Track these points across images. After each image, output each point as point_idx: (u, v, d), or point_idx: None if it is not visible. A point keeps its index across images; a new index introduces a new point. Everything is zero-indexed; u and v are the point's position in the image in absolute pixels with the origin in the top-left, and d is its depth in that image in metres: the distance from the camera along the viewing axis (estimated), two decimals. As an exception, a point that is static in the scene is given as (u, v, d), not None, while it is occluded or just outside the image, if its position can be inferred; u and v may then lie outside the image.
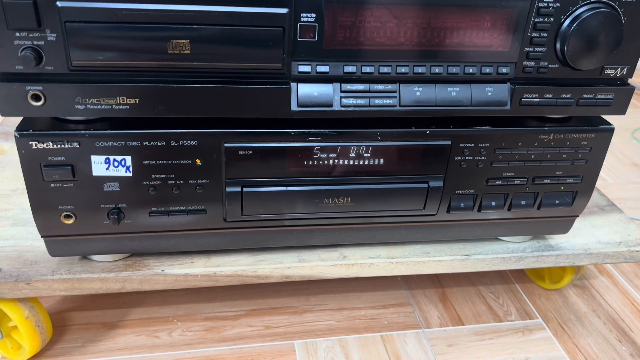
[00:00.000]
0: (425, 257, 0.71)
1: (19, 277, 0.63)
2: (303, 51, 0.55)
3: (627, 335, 0.81)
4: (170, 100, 0.54)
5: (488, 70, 0.59)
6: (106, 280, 0.65)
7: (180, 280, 0.67)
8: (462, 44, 0.57)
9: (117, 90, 0.53)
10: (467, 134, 0.63)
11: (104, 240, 0.63)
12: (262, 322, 0.79)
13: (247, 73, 0.55)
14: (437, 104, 0.59)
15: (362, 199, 0.65)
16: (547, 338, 0.80)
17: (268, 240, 0.68)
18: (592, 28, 0.56)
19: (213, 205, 0.62)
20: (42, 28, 0.49)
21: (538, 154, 0.66)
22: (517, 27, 0.57)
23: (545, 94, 0.61)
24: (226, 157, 0.59)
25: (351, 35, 0.55)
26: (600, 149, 0.67)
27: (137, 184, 0.59)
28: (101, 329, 0.76)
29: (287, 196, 0.63)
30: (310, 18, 0.53)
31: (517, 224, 0.72)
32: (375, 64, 0.57)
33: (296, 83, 0.56)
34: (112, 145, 0.57)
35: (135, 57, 0.52)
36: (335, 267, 0.70)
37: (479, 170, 0.65)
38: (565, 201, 0.69)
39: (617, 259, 0.76)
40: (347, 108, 0.58)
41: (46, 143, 0.55)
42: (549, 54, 0.59)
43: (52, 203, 0.59)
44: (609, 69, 0.61)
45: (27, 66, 0.50)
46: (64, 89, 0.52)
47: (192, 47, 0.52)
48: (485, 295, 0.88)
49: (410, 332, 0.79)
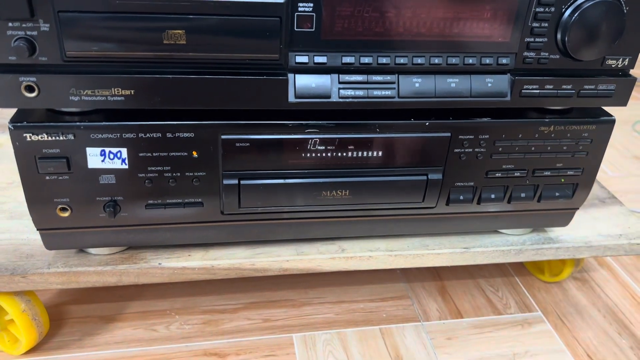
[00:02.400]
0: (424, 249, 0.71)
1: (15, 270, 0.62)
2: (300, 41, 0.54)
3: (627, 328, 0.81)
4: (166, 91, 0.54)
5: (488, 61, 0.58)
6: (103, 274, 0.64)
7: (178, 273, 0.66)
8: (461, 34, 0.56)
9: (112, 81, 0.52)
10: (466, 126, 0.62)
11: (101, 233, 0.63)
12: (260, 315, 0.79)
13: (243, 64, 0.54)
14: (436, 95, 0.59)
15: (361, 192, 0.64)
16: (546, 331, 0.80)
17: (266, 233, 0.68)
18: (593, 18, 0.56)
19: (210, 198, 0.62)
20: (35, 18, 0.49)
21: (538, 146, 0.65)
22: (518, 17, 0.56)
23: (546, 85, 0.60)
24: (223, 149, 0.59)
25: (349, 26, 0.54)
26: (601, 141, 0.66)
27: (133, 177, 0.59)
28: (98, 322, 0.76)
29: (285, 189, 0.62)
30: (307, 8, 0.52)
31: (517, 217, 0.72)
32: (373, 54, 0.56)
33: (293, 74, 0.56)
34: (108, 137, 0.56)
35: (130, 47, 0.51)
36: (334, 260, 0.69)
37: (479, 162, 0.65)
38: (566, 194, 0.69)
39: (617, 252, 0.76)
40: (346, 99, 0.57)
41: (41, 135, 0.55)
42: (550, 44, 0.58)
43: (47, 196, 0.58)
44: (611, 60, 0.60)
45: (20, 57, 0.49)
46: (58, 80, 0.51)
47: (188, 38, 0.51)
48: (484, 288, 0.87)
49: (409, 325, 0.79)
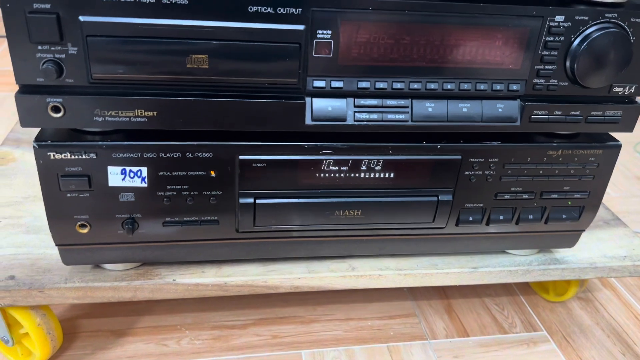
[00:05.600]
0: (433, 269, 0.72)
1: (32, 284, 0.63)
2: (318, 67, 0.56)
3: (630, 348, 0.82)
4: (188, 113, 0.55)
5: (499, 87, 0.60)
6: (118, 289, 0.65)
7: (191, 290, 0.67)
8: (474, 61, 0.58)
9: (135, 103, 0.54)
10: (477, 149, 0.64)
11: (118, 250, 0.64)
12: (269, 331, 0.80)
13: (263, 87, 0.56)
14: (448, 119, 0.60)
15: (373, 212, 0.66)
16: (551, 350, 0.81)
17: (278, 251, 0.69)
18: (601, 47, 0.57)
19: (226, 216, 0.63)
20: (64, 42, 0.50)
21: (546, 170, 0.66)
22: (529, 46, 0.58)
23: (555, 110, 0.62)
24: (240, 169, 0.60)
25: (365, 52, 0.56)
26: (607, 165, 0.68)
27: (152, 195, 0.60)
28: (110, 337, 0.77)
29: (299, 208, 0.64)
30: (326, 35, 0.54)
31: (525, 238, 0.73)
32: (388, 79, 0.58)
33: (311, 98, 0.57)
34: (129, 156, 0.57)
35: (155, 71, 0.52)
36: (345, 278, 0.70)
37: (488, 184, 0.66)
38: (572, 216, 0.70)
39: (622, 273, 0.77)
40: (360, 123, 0.59)
41: (64, 154, 0.56)
42: (559, 72, 0.60)
43: (67, 212, 0.59)
44: (618, 87, 0.62)
45: (48, 79, 0.51)
46: (84, 101, 0.53)
47: (211, 62, 0.53)
48: (490, 307, 0.88)
49: (417, 342, 0.80)
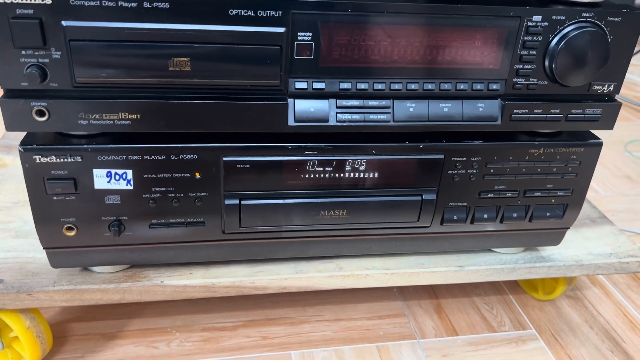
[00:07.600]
0: (419, 268, 0.73)
1: (21, 288, 0.64)
2: (300, 68, 0.57)
3: (619, 346, 0.83)
4: (171, 115, 0.56)
5: (479, 87, 0.61)
6: (106, 291, 0.66)
7: (179, 291, 0.68)
8: (454, 61, 0.59)
9: (119, 106, 0.55)
10: (459, 148, 0.65)
11: (105, 252, 0.64)
12: (259, 332, 0.80)
13: (245, 89, 0.56)
14: (430, 119, 0.61)
15: (358, 212, 0.66)
16: (540, 348, 0.81)
17: (265, 252, 0.69)
18: (579, 46, 0.58)
19: (212, 217, 0.64)
20: (48, 46, 0.51)
21: (529, 168, 0.67)
22: (507, 46, 0.59)
23: (535, 109, 0.63)
24: (225, 171, 0.61)
25: (346, 53, 0.57)
26: (589, 163, 0.69)
27: (137, 197, 0.61)
28: (100, 340, 0.77)
29: (285, 209, 0.64)
30: (306, 37, 0.55)
31: (510, 236, 0.74)
32: (369, 80, 0.59)
33: (293, 99, 0.58)
34: (114, 159, 0.58)
35: (138, 74, 0.53)
36: (332, 278, 0.71)
37: (472, 183, 0.67)
38: (556, 213, 0.71)
39: (608, 270, 0.78)
40: (343, 123, 0.59)
41: (49, 157, 0.57)
42: (538, 71, 0.61)
43: (54, 216, 0.60)
44: (597, 86, 0.63)
45: (32, 83, 0.52)
46: (68, 105, 0.54)
47: (193, 65, 0.54)
48: (479, 306, 0.89)
49: (406, 342, 0.80)
